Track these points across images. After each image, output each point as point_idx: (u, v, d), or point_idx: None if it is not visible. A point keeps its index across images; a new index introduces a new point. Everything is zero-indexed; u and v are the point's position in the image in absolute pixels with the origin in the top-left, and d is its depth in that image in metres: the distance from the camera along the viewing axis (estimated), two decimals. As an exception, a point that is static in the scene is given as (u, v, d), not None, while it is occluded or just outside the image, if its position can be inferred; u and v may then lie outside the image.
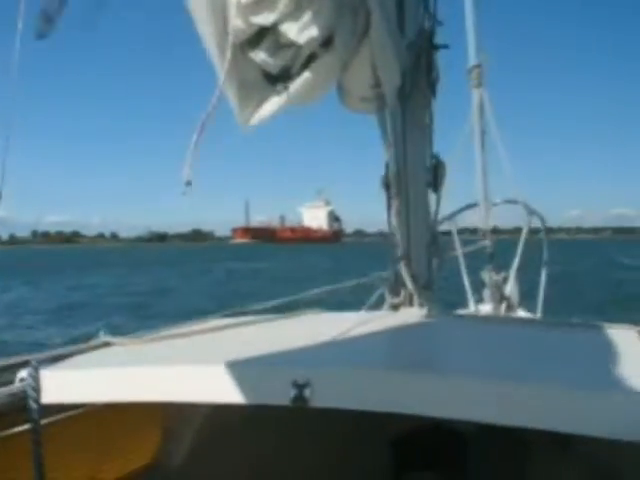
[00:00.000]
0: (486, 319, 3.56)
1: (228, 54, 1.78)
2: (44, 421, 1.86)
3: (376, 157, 2.96)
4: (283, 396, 1.61)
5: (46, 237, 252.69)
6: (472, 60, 4.76)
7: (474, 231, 4.94)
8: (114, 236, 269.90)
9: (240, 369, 1.73)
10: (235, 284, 33.30)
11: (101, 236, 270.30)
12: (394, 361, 2.04)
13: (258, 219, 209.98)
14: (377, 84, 2.40)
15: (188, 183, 1.66)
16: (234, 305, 3.08)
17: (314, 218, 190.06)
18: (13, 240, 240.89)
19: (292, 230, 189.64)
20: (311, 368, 1.66)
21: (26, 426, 1.81)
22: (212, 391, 1.73)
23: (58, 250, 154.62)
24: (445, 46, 3.08)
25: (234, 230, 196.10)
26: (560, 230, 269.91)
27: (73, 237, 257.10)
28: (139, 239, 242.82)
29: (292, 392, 1.59)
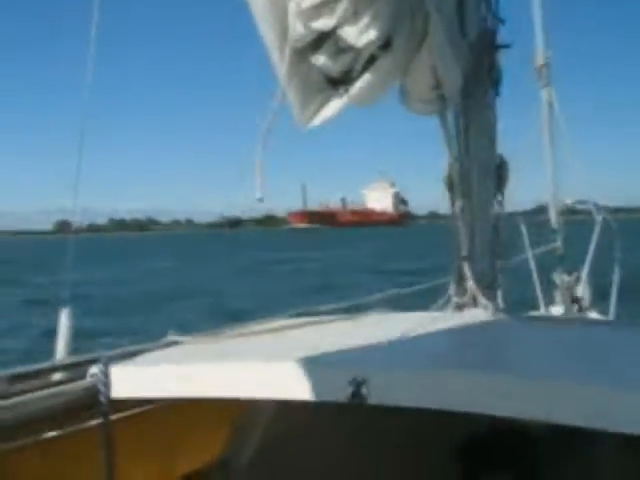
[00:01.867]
0: (549, 320, 3.50)
1: (287, 58, 1.83)
2: (114, 416, 1.94)
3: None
4: (341, 393, 1.65)
5: (123, 225, 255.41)
6: (540, 59, 4.69)
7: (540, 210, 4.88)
8: (189, 222, 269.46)
9: (302, 367, 1.77)
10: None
11: (176, 222, 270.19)
12: (451, 361, 2.05)
13: (321, 202, 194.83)
14: (438, 86, 2.41)
15: (260, 200, 1.73)
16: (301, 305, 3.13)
17: (378, 200, 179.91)
18: (92, 228, 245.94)
19: (353, 213, 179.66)
20: (369, 366, 1.71)
21: (97, 421, 1.89)
22: (274, 388, 1.78)
23: (133, 237, 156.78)
24: (507, 46, 3.05)
25: (291, 214, 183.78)
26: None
27: (148, 224, 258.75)
28: (213, 225, 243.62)
29: (350, 389, 1.63)
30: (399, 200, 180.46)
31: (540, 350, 2.19)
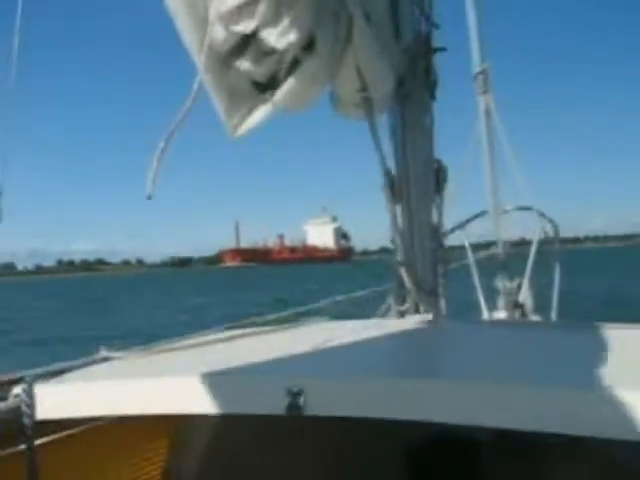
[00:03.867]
0: (492, 323, 3.51)
1: (202, 63, 1.79)
2: (43, 439, 1.84)
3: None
4: (278, 405, 1.60)
5: (71, 266, 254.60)
6: (477, 67, 4.74)
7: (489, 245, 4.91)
8: (140, 262, 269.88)
9: (236, 379, 1.72)
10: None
11: (127, 263, 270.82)
12: (390, 368, 2.01)
13: (256, 241, 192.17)
14: (363, 89, 2.39)
15: (149, 197, 1.66)
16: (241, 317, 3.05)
17: (320, 236, 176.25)
18: (39, 270, 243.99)
19: (292, 250, 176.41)
20: (305, 376, 1.65)
21: (21, 445, 1.78)
22: (208, 402, 1.71)
23: (78, 279, 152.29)
24: (443, 49, 3.06)
25: (222, 252, 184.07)
26: (587, 239, 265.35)
27: (96, 265, 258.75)
28: (163, 264, 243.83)
29: (286, 400, 1.58)
30: (340, 235, 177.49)
31: (479, 354, 2.17)
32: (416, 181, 2.93)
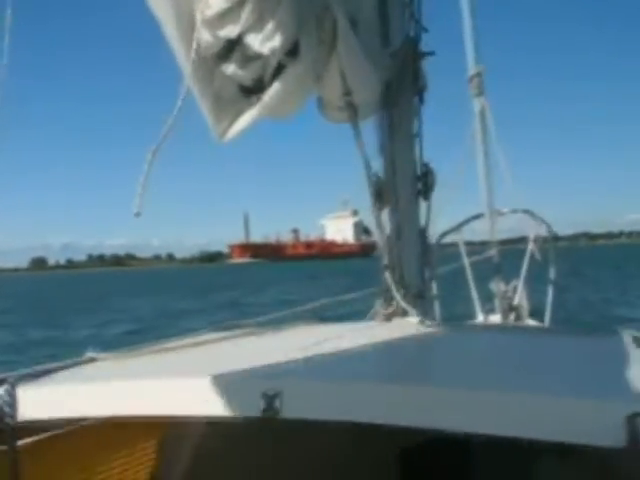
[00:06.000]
0: (482, 327, 3.51)
1: (188, 67, 1.80)
2: (26, 440, 1.85)
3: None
4: (254, 408, 1.59)
5: (102, 260, 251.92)
6: (471, 69, 4.74)
7: (484, 244, 4.90)
8: (170, 257, 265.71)
9: (216, 382, 1.71)
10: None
11: (157, 257, 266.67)
12: (371, 372, 2.02)
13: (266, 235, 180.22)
14: (347, 93, 2.40)
15: (137, 214, 1.67)
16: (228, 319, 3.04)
17: (339, 231, 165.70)
18: (70, 264, 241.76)
19: (308, 245, 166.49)
20: (282, 379, 1.65)
21: (1, 447, 1.77)
22: (189, 405, 1.72)
23: (108, 273, 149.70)
24: (431, 53, 3.06)
25: (231, 247, 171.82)
26: (622, 234, 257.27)
27: (126, 260, 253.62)
28: (192, 259, 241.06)
29: (262, 404, 1.57)
30: (361, 230, 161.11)
31: (468, 358, 2.17)
32: (404, 185, 2.93)
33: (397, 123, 2.94)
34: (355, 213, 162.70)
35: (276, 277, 59.71)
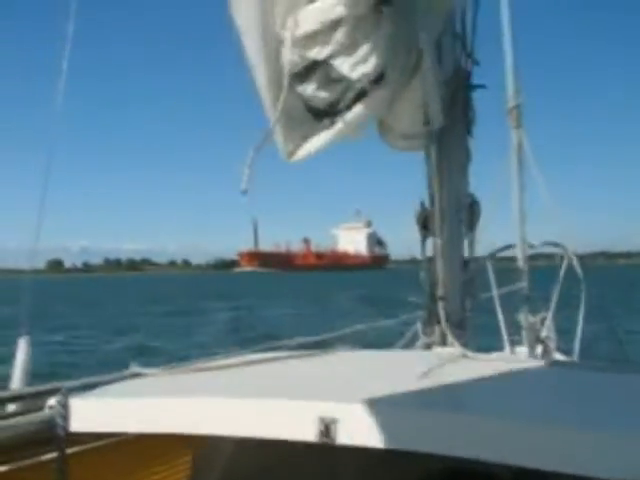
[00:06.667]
0: (515, 360, 3.49)
1: (284, 89, 1.81)
2: (74, 449, 1.86)
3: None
4: (309, 432, 1.59)
5: (118, 265, 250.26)
6: (511, 101, 4.75)
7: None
8: (186, 263, 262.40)
9: (267, 403, 1.71)
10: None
11: (172, 263, 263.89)
12: (422, 400, 2.02)
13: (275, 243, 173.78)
14: (427, 121, 2.40)
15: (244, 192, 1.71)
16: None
17: (351, 242, 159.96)
18: (87, 268, 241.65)
19: (319, 255, 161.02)
20: (339, 405, 1.65)
21: (52, 454, 1.80)
22: (237, 425, 1.71)
23: (122, 278, 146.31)
24: (482, 86, 3.06)
25: (240, 255, 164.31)
26: None
27: (142, 265, 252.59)
28: (207, 266, 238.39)
29: (318, 428, 1.58)
30: (375, 241, 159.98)
31: (508, 391, 2.17)
32: (450, 215, 2.93)
33: (445, 153, 2.94)
34: (369, 224, 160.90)
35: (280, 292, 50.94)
